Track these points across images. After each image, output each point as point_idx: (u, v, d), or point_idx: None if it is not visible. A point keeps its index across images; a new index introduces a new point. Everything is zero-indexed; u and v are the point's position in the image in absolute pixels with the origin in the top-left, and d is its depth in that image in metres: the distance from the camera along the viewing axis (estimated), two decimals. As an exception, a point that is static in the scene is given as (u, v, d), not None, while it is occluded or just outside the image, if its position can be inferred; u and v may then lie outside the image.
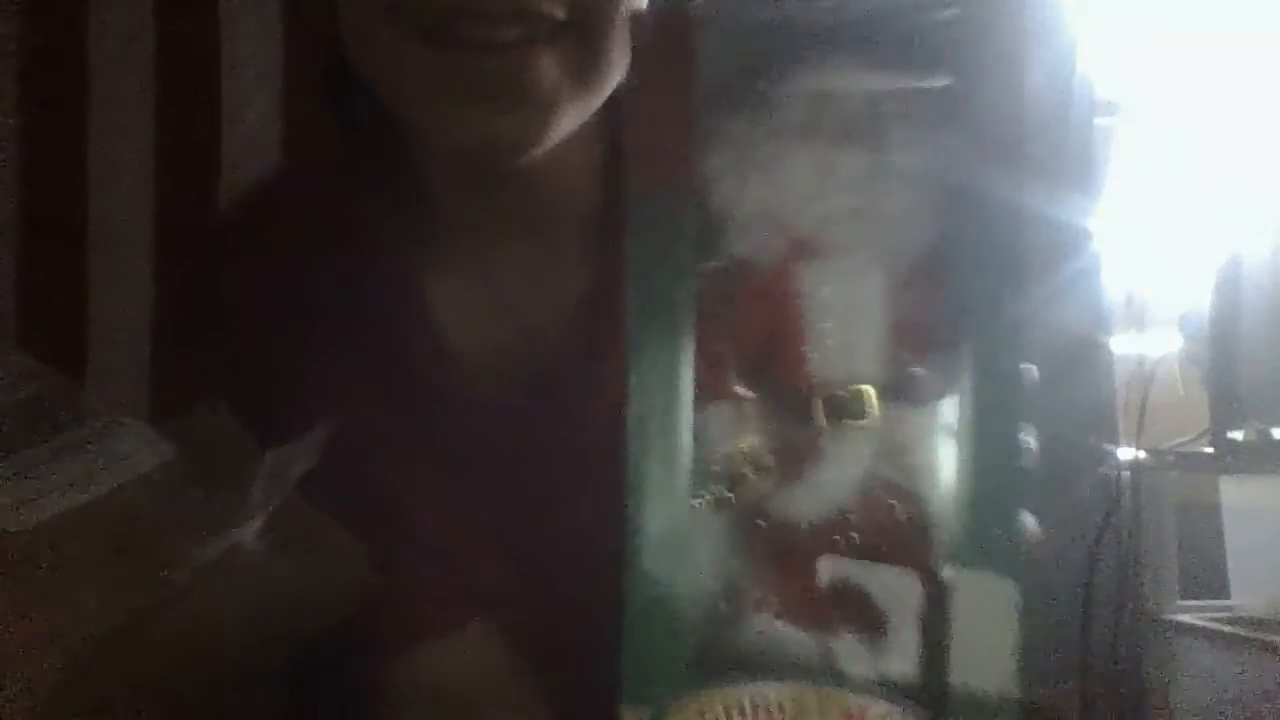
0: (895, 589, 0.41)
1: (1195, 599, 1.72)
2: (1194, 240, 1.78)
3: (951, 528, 0.40)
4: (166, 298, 0.68)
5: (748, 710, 0.40)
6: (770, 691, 0.40)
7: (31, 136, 1.62)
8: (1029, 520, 0.42)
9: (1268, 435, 1.60)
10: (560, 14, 0.52)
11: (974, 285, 0.40)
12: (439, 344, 0.63)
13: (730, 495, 0.41)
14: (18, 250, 1.57)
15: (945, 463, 0.41)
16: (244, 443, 0.56)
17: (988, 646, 0.39)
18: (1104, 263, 1.87)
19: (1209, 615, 1.67)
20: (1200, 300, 1.70)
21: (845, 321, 0.41)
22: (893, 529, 0.41)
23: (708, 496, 0.41)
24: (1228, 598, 1.71)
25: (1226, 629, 1.60)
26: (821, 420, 0.41)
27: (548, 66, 0.52)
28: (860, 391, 0.41)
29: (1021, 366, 0.41)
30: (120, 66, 1.64)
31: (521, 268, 0.63)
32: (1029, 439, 0.42)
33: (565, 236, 0.63)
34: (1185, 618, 1.68)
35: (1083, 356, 1.90)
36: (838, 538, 0.41)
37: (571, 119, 0.55)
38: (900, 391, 0.41)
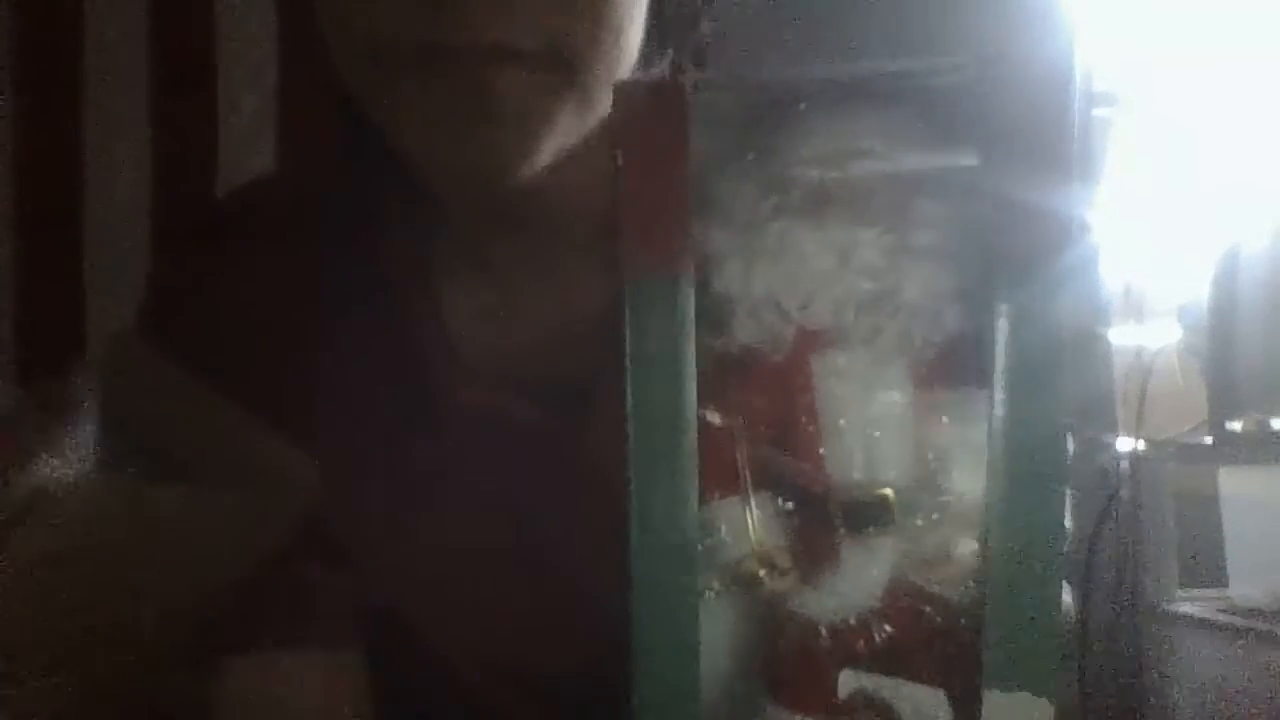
0: (922, 706, 0.38)
1: (1194, 589, 1.72)
2: (1192, 231, 1.78)
3: (985, 640, 0.37)
4: (162, 295, 0.66)
5: None
6: None
7: (26, 132, 1.62)
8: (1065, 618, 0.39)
9: (1266, 426, 1.60)
10: (532, 44, 0.52)
11: (1011, 378, 0.36)
12: (451, 348, 0.63)
13: (742, 596, 0.38)
14: (14, 248, 1.57)
15: (979, 569, 0.37)
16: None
17: None
18: (1102, 254, 1.86)
19: (1207, 605, 1.67)
20: (1199, 291, 1.70)
21: (864, 417, 0.38)
22: (921, 639, 0.38)
23: (716, 596, 0.38)
24: (1226, 588, 1.71)
25: (1224, 619, 1.60)
26: (839, 527, 0.38)
27: (524, 93, 0.53)
28: (882, 497, 0.38)
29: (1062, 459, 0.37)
30: (115, 60, 1.63)
31: (533, 277, 0.63)
32: (1067, 532, 0.38)
33: (577, 247, 0.63)
34: (1183, 608, 1.68)
35: (1081, 347, 1.89)
36: (860, 645, 0.38)
37: (559, 140, 0.55)
38: (927, 493, 0.38)
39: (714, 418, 0.38)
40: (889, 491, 0.38)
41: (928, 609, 0.38)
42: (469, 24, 0.50)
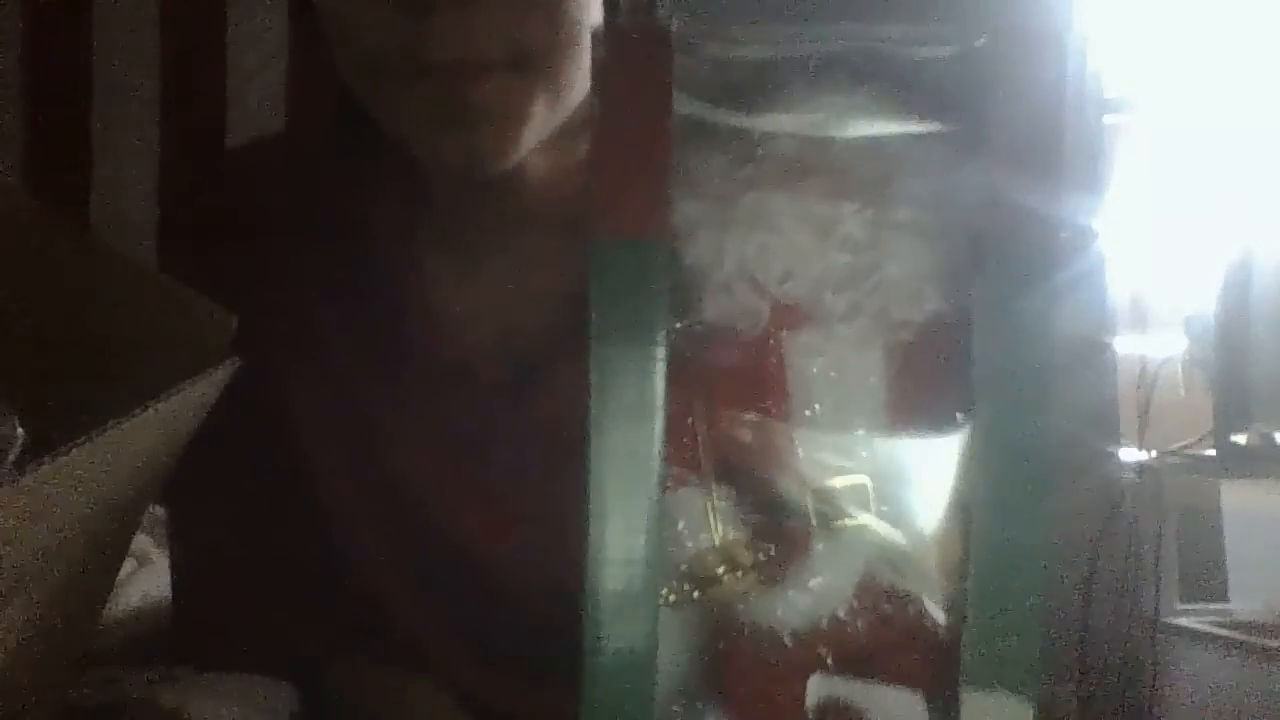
0: (897, 710, 0.36)
1: (1194, 602, 1.72)
2: (1200, 241, 1.77)
3: (965, 639, 0.35)
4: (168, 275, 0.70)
5: None
6: None
7: (36, 121, 1.62)
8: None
9: (1271, 440, 1.60)
10: (499, 54, 0.60)
11: (994, 359, 0.35)
12: (439, 325, 0.69)
13: (700, 596, 0.36)
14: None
15: (956, 565, 0.35)
16: None
17: None
18: (1109, 262, 1.86)
19: (1207, 618, 1.67)
20: (1206, 302, 1.70)
21: (839, 401, 0.36)
22: (892, 641, 0.36)
23: (674, 598, 0.35)
24: (1226, 601, 1.71)
25: (1224, 632, 1.60)
26: (812, 516, 0.35)
27: (497, 97, 0.61)
28: (857, 484, 0.35)
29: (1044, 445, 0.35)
30: (124, 49, 1.63)
31: (510, 262, 0.70)
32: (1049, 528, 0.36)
33: (549, 233, 0.69)
34: (1184, 620, 1.68)
35: (1086, 357, 1.90)
36: (826, 650, 0.36)
37: (534, 133, 0.63)
38: (903, 484, 0.36)
39: (675, 400, 0.35)
40: (865, 479, 0.35)
41: (901, 609, 0.36)
42: (443, 43, 0.59)
